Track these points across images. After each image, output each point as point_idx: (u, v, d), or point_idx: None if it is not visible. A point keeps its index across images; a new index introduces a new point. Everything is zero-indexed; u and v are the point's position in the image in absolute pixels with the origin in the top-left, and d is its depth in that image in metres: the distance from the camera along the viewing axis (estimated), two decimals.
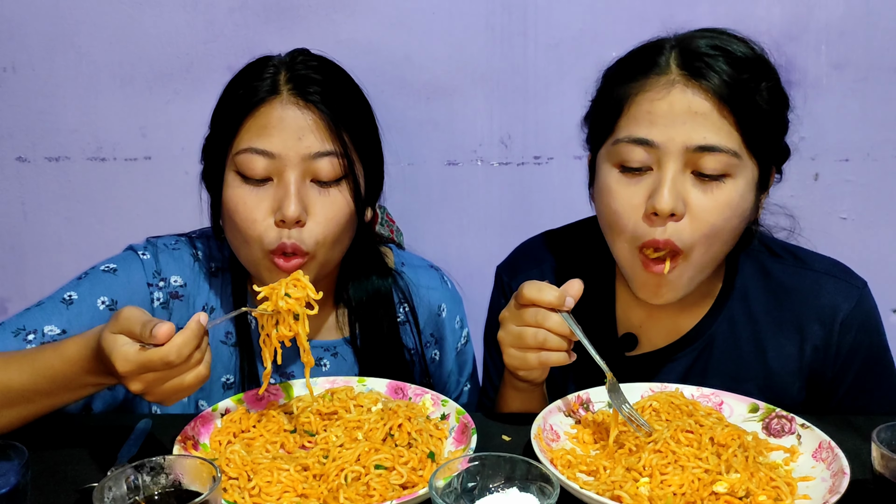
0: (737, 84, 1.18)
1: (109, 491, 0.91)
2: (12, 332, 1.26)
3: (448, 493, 0.98)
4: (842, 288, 1.34)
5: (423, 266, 1.55)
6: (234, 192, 1.29)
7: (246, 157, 1.27)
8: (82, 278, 1.35)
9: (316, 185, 1.29)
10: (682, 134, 1.18)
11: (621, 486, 1.03)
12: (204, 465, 0.94)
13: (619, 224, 1.24)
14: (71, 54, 2.06)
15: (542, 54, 2.01)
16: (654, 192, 1.19)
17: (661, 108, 1.19)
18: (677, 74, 1.20)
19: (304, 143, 1.27)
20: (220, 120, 1.34)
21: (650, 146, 1.19)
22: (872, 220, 2.08)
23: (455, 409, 1.22)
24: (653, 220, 1.20)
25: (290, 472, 1.06)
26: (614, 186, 1.24)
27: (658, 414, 1.20)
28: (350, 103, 1.34)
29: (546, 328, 1.17)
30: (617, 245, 1.27)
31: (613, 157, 1.24)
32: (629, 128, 1.21)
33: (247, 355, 1.41)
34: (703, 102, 1.18)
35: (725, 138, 1.18)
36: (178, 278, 1.39)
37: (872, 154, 2.06)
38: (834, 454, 1.08)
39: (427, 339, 1.52)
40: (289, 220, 1.25)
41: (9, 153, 2.12)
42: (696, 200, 1.20)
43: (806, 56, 2.00)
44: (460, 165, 2.12)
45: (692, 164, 1.19)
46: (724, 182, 1.20)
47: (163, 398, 1.05)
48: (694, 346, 1.37)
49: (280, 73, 1.30)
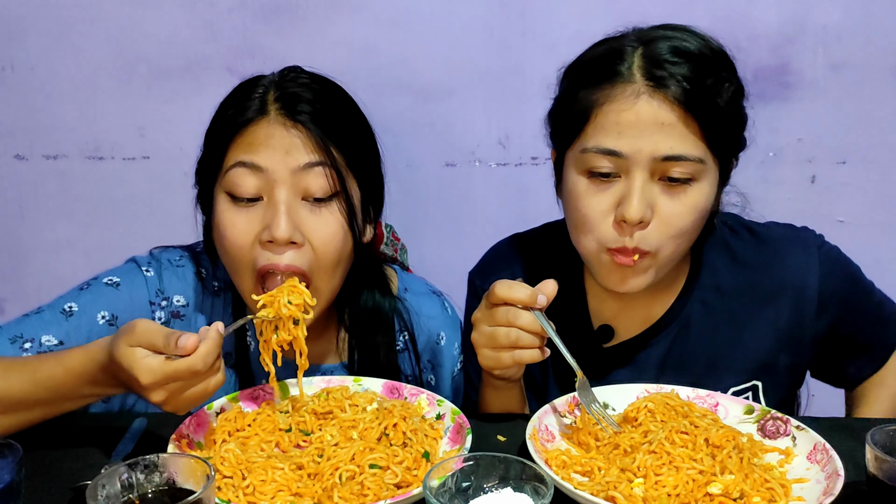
0: (700, 91, 1.20)
1: (103, 489, 0.91)
2: (9, 338, 1.25)
3: (442, 492, 0.98)
4: (804, 250, 1.36)
5: (425, 293, 1.54)
6: (223, 215, 1.28)
7: (234, 174, 1.26)
8: (84, 289, 1.33)
9: (308, 204, 1.27)
10: (650, 145, 1.20)
11: (616, 486, 1.03)
12: (198, 463, 0.94)
13: (587, 227, 1.27)
14: (70, 53, 2.06)
15: (540, 55, 2.01)
16: (623, 201, 1.22)
17: (629, 119, 1.20)
18: (643, 84, 1.21)
19: (292, 157, 1.25)
20: (211, 140, 1.33)
21: (618, 157, 1.21)
22: (870, 223, 2.08)
23: (450, 410, 1.22)
24: (622, 227, 1.23)
25: (284, 470, 1.05)
26: (582, 192, 1.26)
27: (653, 415, 1.19)
28: (341, 119, 1.32)
29: (518, 326, 1.17)
30: (583, 242, 1.29)
31: (581, 164, 1.25)
32: (596, 137, 1.23)
33: (245, 376, 1.40)
34: (669, 113, 1.20)
35: (692, 147, 1.21)
36: (180, 298, 1.39)
37: (870, 156, 2.06)
38: (828, 456, 1.09)
39: (424, 365, 1.52)
40: (278, 240, 1.22)
41: (7, 151, 2.13)
42: (663, 206, 1.23)
43: (803, 58, 2.00)
44: (458, 166, 2.12)
45: (659, 172, 1.22)
46: (691, 186, 1.23)
47: (184, 406, 1.06)
48: (669, 329, 1.39)
49: (269, 92, 1.29)
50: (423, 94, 2.07)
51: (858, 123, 2.04)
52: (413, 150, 2.09)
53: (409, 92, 2.06)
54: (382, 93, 2.04)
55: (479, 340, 1.22)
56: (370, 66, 2.02)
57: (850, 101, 2.02)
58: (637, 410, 1.21)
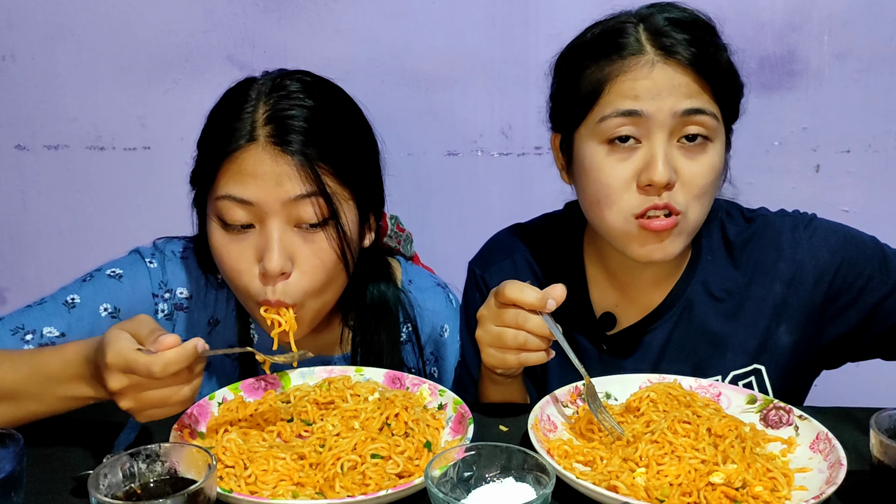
0: (705, 54, 1.24)
1: (105, 478, 0.91)
2: (10, 329, 1.25)
3: (444, 482, 0.98)
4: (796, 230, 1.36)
5: (429, 287, 1.53)
6: (217, 240, 1.25)
7: (224, 205, 1.22)
8: (87, 281, 1.33)
9: (301, 231, 1.24)
10: (669, 102, 1.22)
11: (618, 476, 1.03)
12: (199, 452, 0.95)
13: (611, 198, 1.26)
14: (70, 43, 2.05)
15: (543, 44, 2.00)
16: (647, 166, 1.23)
17: (646, 85, 1.22)
18: (654, 54, 1.23)
19: (283, 188, 1.20)
20: (201, 157, 1.29)
21: (639, 116, 1.22)
22: (874, 212, 2.07)
23: (452, 399, 1.22)
24: (647, 191, 1.24)
25: (286, 460, 1.05)
26: (603, 162, 1.26)
27: (655, 405, 1.19)
28: (336, 137, 1.26)
29: (527, 330, 1.17)
30: (608, 217, 1.27)
31: (599, 133, 1.25)
32: (614, 104, 1.24)
33: (249, 368, 1.40)
34: (683, 76, 1.22)
35: (707, 103, 1.24)
36: (184, 290, 1.38)
37: (874, 145, 2.05)
38: (831, 445, 1.08)
39: (427, 358, 1.51)
40: (271, 273, 1.21)
41: (8, 141, 2.12)
42: (685, 168, 1.24)
43: (808, 46, 1.99)
44: (460, 156, 2.12)
45: (678, 132, 1.23)
46: (707, 147, 1.25)
47: (138, 407, 1.02)
48: (670, 314, 1.39)
49: (258, 110, 1.23)
50: (426, 83, 2.06)
51: (863, 112, 2.03)
52: (415, 139, 2.08)
53: (412, 82, 2.05)
54: (384, 82, 2.03)
55: (484, 339, 1.21)
56: (371, 56, 2.01)
57: (855, 89, 2.01)
58: (639, 400, 1.21)
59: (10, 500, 0.93)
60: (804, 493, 1.02)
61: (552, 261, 1.27)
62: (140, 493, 0.93)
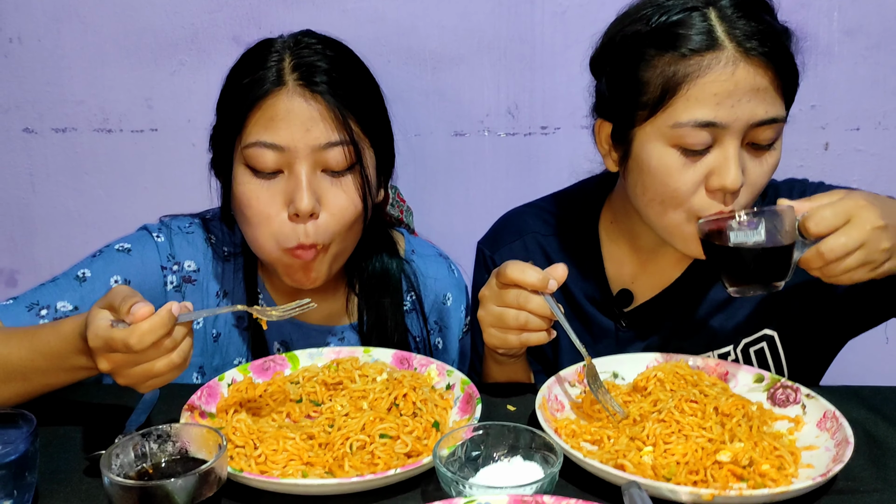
0: (780, 47, 1.17)
1: (117, 458, 0.92)
2: (26, 306, 1.27)
3: (452, 461, 0.99)
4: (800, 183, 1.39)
5: (432, 255, 1.55)
6: (245, 188, 1.28)
7: (255, 151, 1.25)
8: (97, 256, 1.35)
9: (327, 175, 1.28)
10: (747, 112, 1.16)
11: (625, 455, 1.04)
12: (210, 433, 0.96)
13: (678, 200, 1.22)
14: (76, 25, 2.05)
15: (549, 22, 1.99)
16: (718, 171, 1.18)
17: (727, 89, 1.15)
18: (735, 51, 1.15)
19: (312, 134, 1.25)
20: (226, 111, 1.31)
21: (715, 127, 1.17)
22: (884, 190, 2.05)
23: (460, 379, 1.22)
24: (716, 195, 1.20)
25: (295, 440, 1.07)
26: (673, 167, 1.20)
27: (663, 384, 1.20)
28: (357, 88, 1.31)
29: (528, 310, 1.16)
30: (670, 216, 1.24)
31: (672, 138, 1.19)
32: (691, 110, 1.17)
33: (258, 338, 1.42)
34: (763, 79, 1.16)
35: (779, 108, 1.19)
36: (191, 263, 1.40)
37: (884, 123, 2.03)
38: (838, 423, 1.09)
39: (431, 327, 1.52)
40: (303, 213, 1.25)
41: (16, 124, 2.13)
42: (752, 169, 1.21)
43: (817, 22, 1.96)
44: (467, 136, 2.11)
45: (750, 137, 1.19)
46: (774, 147, 1.22)
47: (132, 382, 1.02)
48: (685, 291, 1.39)
49: (284, 60, 1.27)
50: (432, 63, 2.05)
51: (873, 89, 2.01)
52: (422, 119, 2.07)
53: (418, 61, 2.04)
54: (391, 62, 2.02)
55: (486, 319, 1.22)
56: (378, 35, 2.00)
57: (864, 66, 1.99)
58: (646, 380, 1.21)
59: (24, 480, 0.94)
60: (811, 471, 1.02)
61: (565, 239, 1.25)
62: (152, 472, 0.94)
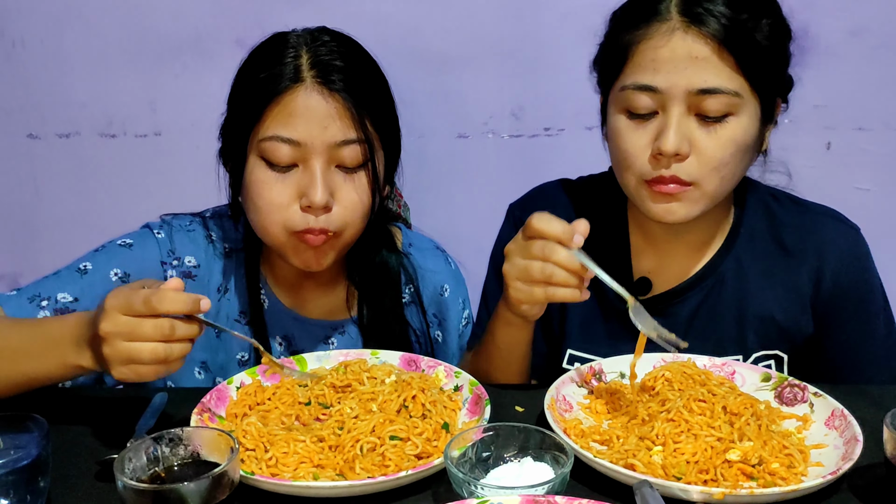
0: (735, 26, 1.22)
1: (130, 462, 0.92)
2: (28, 298, 1.30)
3: (463, 462, 0.99)
4: (840, 228, 1.40)
5: (429, 248, 1.57)
6: (258, 178, 1.30)
7: (271, 145, 1.27)
8: (98, 251, 1.38)
9: (341, 171, 1.30)
10: (685, 79, 1.22)
11: (635, 454, 1.04)
12: (222, 436, 0.96)
13: (627, 162, 1.30)
14: (79, 28, 2.05)
15: (553, 25, 1.99)
16: (660, 135, 1.24)
17: (664, 55, 1.23)
18: (678, 21, 1.23)
19: (329, 131, 1.27)
20: (241, 104, 1.32)
21: (654, 92, 1.24)
22: (889, 190, 2.06)
23: (468, 381, 1.22)
24: (659, 159, 1.25)
25: (306, 443, 1.07)
26: (622, 130, 1.29)
27: (671, 384, 1.20)
28: (372, 86, 1.33)
29: (553, 262, 1.14)
30: (625, 178, 1.32)
31: (620, 102, 1.28)
32: (634, 75, 1.26)
33: (260, 333, 1.43)
34: (703, 47, 1.21)
35: (726, 80, 1.22)
36: (191, 259, 1.41)
37: (888, 123, 2.04)
38: (847, 422, 1.09)
39: (430, 319, 1.53)
40: (316, 206, 1.27)
41: (20, 129, 2.13)
42: (701, 140, 1.25)
43: (822, 22, 1.97)
44: (471, 138, 2.11)
45: (695, 107, 1.24)
46: (728, 121, 1.25)
47: (114, 355, 1.01)
48: (703, 284, 1.40)
49: (301, 56, 1.29)
50: (436, 64, 2.05)
51: (877, 89, 2.01)
52: (426, 121, 2.08)
53: (421, 63, 2.04)
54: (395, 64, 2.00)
55: (510, 272, 1.20)
56: (382, 37, 1.98)
57: (868, 66, 2.00)
58: (654, 379, 1.21)
59: (36, 485, 0.94)
60: (821, 469, 1.02)
61: (595, 220, 1.26)
62: (164, 476, 0.94)
